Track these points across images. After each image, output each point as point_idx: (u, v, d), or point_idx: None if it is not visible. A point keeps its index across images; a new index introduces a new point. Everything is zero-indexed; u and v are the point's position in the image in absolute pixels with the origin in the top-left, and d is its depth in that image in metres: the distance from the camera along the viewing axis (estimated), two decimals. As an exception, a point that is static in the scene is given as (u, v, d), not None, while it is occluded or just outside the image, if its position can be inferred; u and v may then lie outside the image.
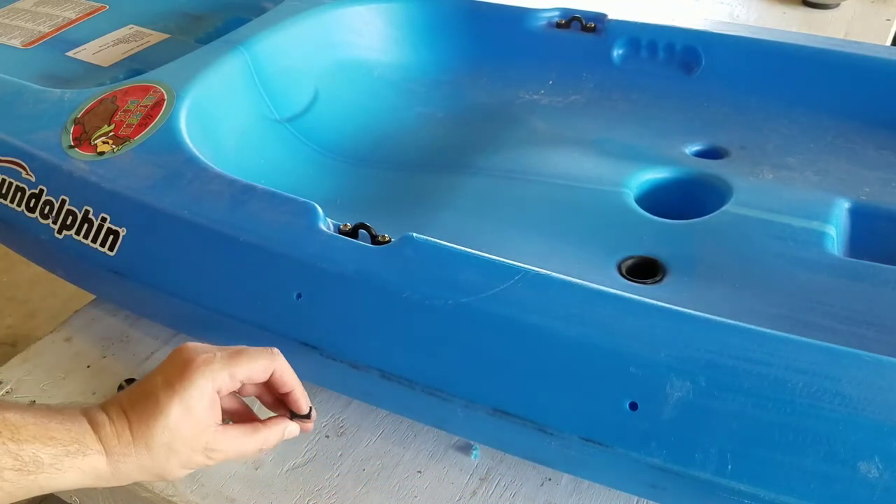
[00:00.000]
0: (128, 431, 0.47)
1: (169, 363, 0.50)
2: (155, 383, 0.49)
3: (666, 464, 0.47)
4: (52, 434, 0.46)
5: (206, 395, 0.48)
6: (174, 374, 0.48)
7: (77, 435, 0.47)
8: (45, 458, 0.45)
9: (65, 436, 0.46)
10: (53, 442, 0.45)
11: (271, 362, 0.51)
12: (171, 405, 0.47)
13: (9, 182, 0.72)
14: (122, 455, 0.47)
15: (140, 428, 0.47)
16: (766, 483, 0.45)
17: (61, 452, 0.45)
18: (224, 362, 0.49)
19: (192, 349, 0.50)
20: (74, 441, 0.46)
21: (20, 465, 0.44)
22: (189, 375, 0.48)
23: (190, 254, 0.63)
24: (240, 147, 0.79)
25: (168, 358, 0.51)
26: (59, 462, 0.45)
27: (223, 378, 0.49)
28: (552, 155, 0.80)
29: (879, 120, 0.79)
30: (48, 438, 0.45)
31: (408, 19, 0.96)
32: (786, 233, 0.66)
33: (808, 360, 0.46)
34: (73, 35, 1.01)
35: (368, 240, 0.59)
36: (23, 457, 0.44)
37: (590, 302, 0.52)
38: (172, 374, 0.48)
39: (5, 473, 0.43)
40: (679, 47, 0.88)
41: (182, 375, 0.48)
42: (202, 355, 0.49)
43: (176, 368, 0.49)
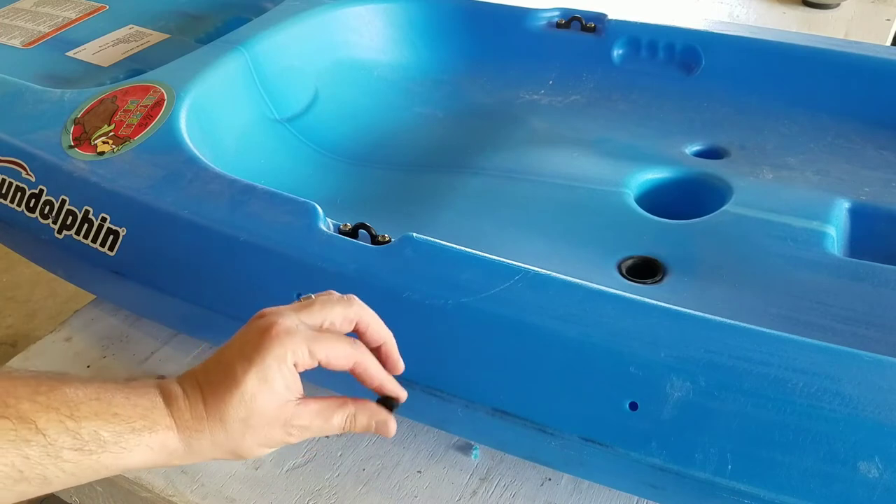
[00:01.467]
0: (201, 405, 0.44)
1: (247, 331, 0.45)
2: (231, 354, 0.45)
3: (666, 464, 0.47)
4: (115, 410, 0.42)
5: (284, 367, 0.44)
6: (251, 343, 0.44)
7: (144, 410, 0.43)
8: (107, 437, 0.41)
9: (130, 412, 0.42)
10: (117, 419, 0.42)
11: (353, 352, 0.46)
12: (247, 377, 0.43)
13: (9, 182, 0.72)
14: (195, 431, 0.44)
15: (214, 401, 0.43)
16: (766, 483, 0.45)
17: (125, 429, 0.42)
18: (307, 338, 0.44)
19: (272, 315, 0.45)
20: (141, 417, 0.42)
21: (80, 444, 0.40)
22: (267, 346, 0.43)
23: (190, 254, 0.63)
24: (240, 147, 0.79)
25: (246, 325, 0.46)
26: (123, 440, 0.42)
27: (302, 353, 0.44)
28: (552, 155, 0.80)
29: (879, 120, 0.79)
30: (111, 415, 0.42)
31: (408, 19, 0.96)
32: (786, 233, 0.66)
33: (808, 360, 0.46)
34: (73, 35, 1.01)
35: (368, 240, 0.59)
36: (82, 435, 0.40)
37: (590, 302, 0.52)
38: (249, 344, 0.44)
39: (64, 454, 0.40)
40: (679, 47, 0.88)
41: (259, 345, 0.43)
42: (283, 323, 0.44)
43: (253, 337, 0.44)
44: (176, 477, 0.61)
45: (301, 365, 0.44)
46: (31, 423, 0.39)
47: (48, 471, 0.39)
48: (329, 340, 0.45)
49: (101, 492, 0.65)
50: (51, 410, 0.40)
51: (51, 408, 0.40)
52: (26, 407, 0.39)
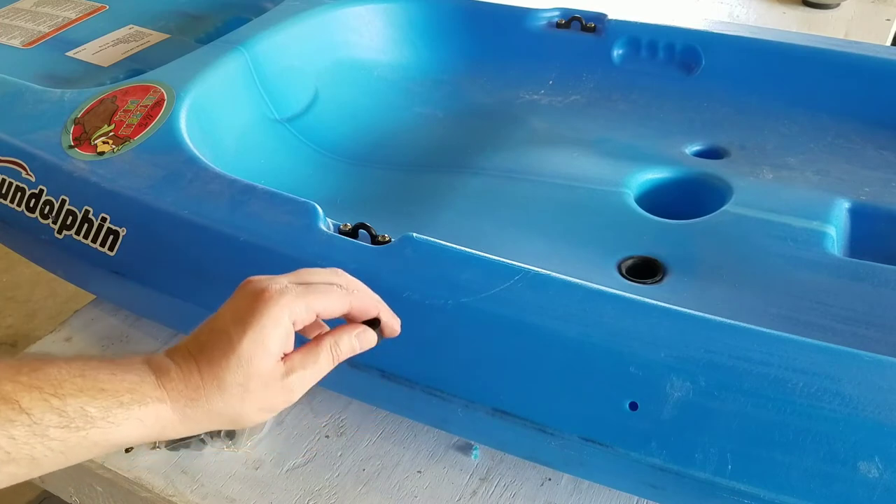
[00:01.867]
0: (196, 374, 0.43)
1: (238, 297, 0.45)
2: (224, 320, 0.44)
3: (666, 464, 0.47)
4: (101, 386, 0.41)
5: (281, 327, 0.43)
6: (244, 307, 0.44)
7: (132, 384, 0.42)
8: (94, 412, 0.40)
9: (117, 386, 0.42)
10: (103, 394, 0.41)
11: (347, 296, 0.46)
12: (243, 340, 0.43)
13: (9, 182, 0.72)
14: (190, 400, 0.43)
15: (210, 368, 0.43)
16: (766, 483, 0.45)
17: (113, 404, 0.41)
18: (300, 293, 0.44)
19: (260, 280, 0.45)
20: (128, 391, 0.42)
21: (66, 421, 0.40)
22: (262, 308, 0.43)
23: (190, 254, 0.63)
24: (240, 147, 0.79)
25: (235, 292, 0.46)
26: (111, 415, 0.41)
27: (300, 309, 0.44)
28: (552, 155, 0.80)
29: (879, 120, 0.79)
30: (97, 391, 0.41)
31: (408, 19, 0.96)
32: (786, 233, 0.66)
33: (808, 360, 0.46)
34: (73, 35, 1.01)
35: (368, 240, 0.59)
36: (68, 412, 0.40)
37: (590, 302, 0.52)
38: (243, 308, 0.44)
39: (51, 432, 0.39)
40: (679, 47, 0.88)
41: (254, 308, 0.43)
42: (273, 285, 0.44)
43: (246, 301, 0.44)
44: (176, 477, 0.61)
45: (300, 321, 0.44)
46: (14, 402, 0.39)
47: (35, 450, 0.39)
48: (321, 290, 0.45)
49: (101, 492, 0.65)
50: (34, 389, 0.40)
51: (34, 387, 0.40)
52: (8, 388, 0.39)
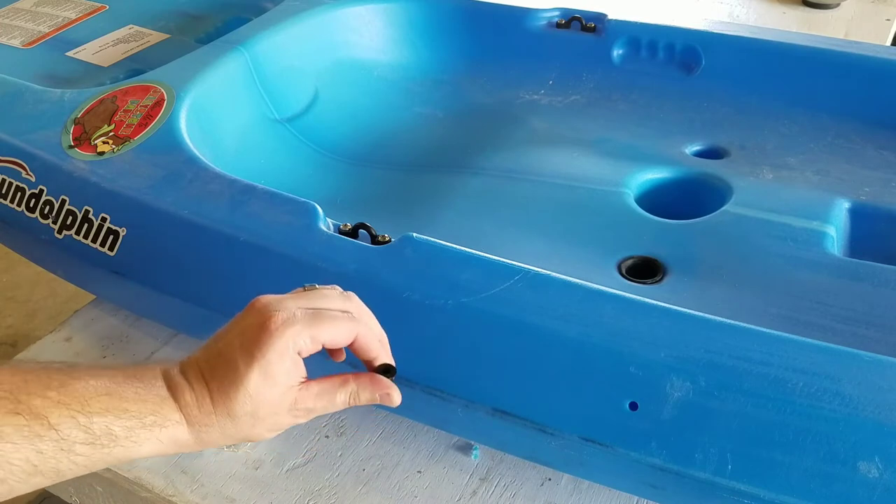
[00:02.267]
0: (208, 401, 0.44)
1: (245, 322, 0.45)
2: (232, 346, 0.45)
3: (666, 464, 0.47)
4: (125, 406, 0.42)
5: (286, 359, 0.44)
6: (251, 336, 0.44)
7: (154, 406, 0.43)
8: (118, 431, 0.42)
9: (140, 407, 0.43)
10: (127, 414, 0.42)
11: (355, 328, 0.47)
12: (250, 374, 0.44)
13: (9, 182, 0.72)
14: (205, 425, 0.44)
15: (220, 398, 0.44)
16: (766, 483, 0.45)
17: (136, 425, 0.42)
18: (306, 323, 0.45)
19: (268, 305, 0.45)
20: (151, 413, 0.43)
21: (92, 438, 0.41)
22: (267, 340, 0.44)
23: (190, 254, 0.63)
24: (240, 147, 0.79)
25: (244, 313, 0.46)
26: (134, 435, 0.42)
27: (304, 341, 0.45)
28: (552, 155, 0.80)
29: (879, 120, 0.79)
30: (121, 411, 0.42)
31: (408, 19, 0.96)
32: (786, 233, 0.66)
33: (808, 360, 0.46)
34: (73, 35, 1.01)
35: (368, 240, 0.59)
36: (94, 430, 0.41)
37: (590, 302, 0.52)
38: (250, 337, 0.44)
39: (77, 448, 0.40)
40: (679, 47, 0.88)
41: (259, 340, 0.44)
42: (280, 314, 0.45)
43: (253, 329, 0.45)
44: (176, 477, 0.61)
45: (305, 352, 0.45)
46: (43, 418, 0.40)
47: (61, 464, 0.40)
48: (328, 320, 0.46)
49: (101, 492, 0.65)
50: (62, 406, 0.40)
51: (62, 403, 0.41)
52: (38, 403, 0.40)
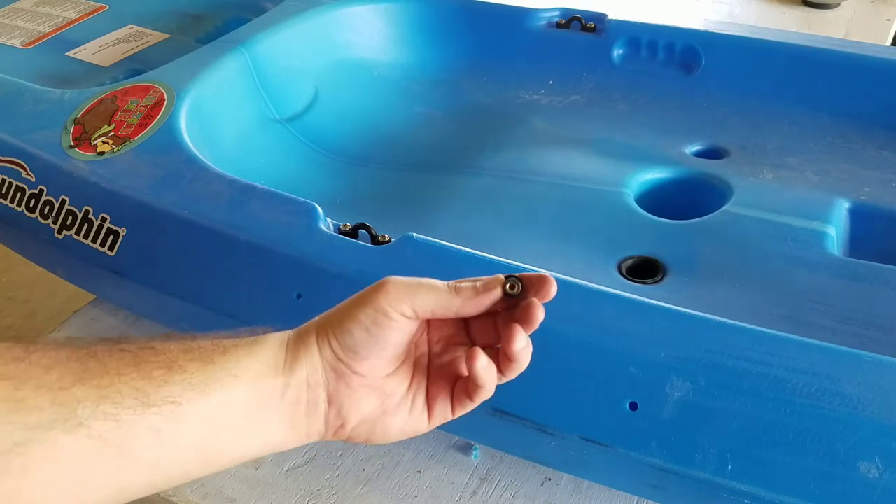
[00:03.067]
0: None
1: (363, 291, 0.43)
2: (348, 304, 0.43)
3: (666, 464, 0.47)
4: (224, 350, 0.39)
5: (396, 310, 0.42)
6: (367, 292, 0.42)
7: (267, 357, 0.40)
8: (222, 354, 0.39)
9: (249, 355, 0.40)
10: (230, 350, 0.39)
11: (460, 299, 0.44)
12: (361, 314, 0.41)
13: (9, 182, 0.72)
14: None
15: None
16: (766, 483, 0.45)
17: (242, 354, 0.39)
18: (418, 286, 0.43)
19: (393, 292, 0.42)
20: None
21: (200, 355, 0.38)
22: (381, 291, 0.42)
23: (190, 254, 0.63)
24: (240, 147, 0.79)
25: (369, 291, 0.42)
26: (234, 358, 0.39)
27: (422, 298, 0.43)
28: (552, 155, 0.80)
29: (879, 120, 0.79)
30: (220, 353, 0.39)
31: (408, 19, 0.96)
32: (786, 233, 0.66)
33: (808, 360, 0.46)
34: (73, 35, 1.01)
35: (368, 240, 0.59)
36: (202, 352, 0.38)
37: (590, 302, 0.52)
38: (365, 293, 0.42)
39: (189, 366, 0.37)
40: (679, 47, 0.88)
41: (375, 291, 0.42)
42: (397, 277, 0.43)
43: (369, 289, 0.43)
44: (176, 477, 0.61)
45: (420, 311, 0.43)
46: (150, 345, 0.38)
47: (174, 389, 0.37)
48: (438, 285, 0.44)
49: (101, 492, 0.65)
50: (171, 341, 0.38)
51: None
52: (149, 342, 0.38)
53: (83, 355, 0.36)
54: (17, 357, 0.36)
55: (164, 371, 0.37)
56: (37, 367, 0.35)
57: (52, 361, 0.36)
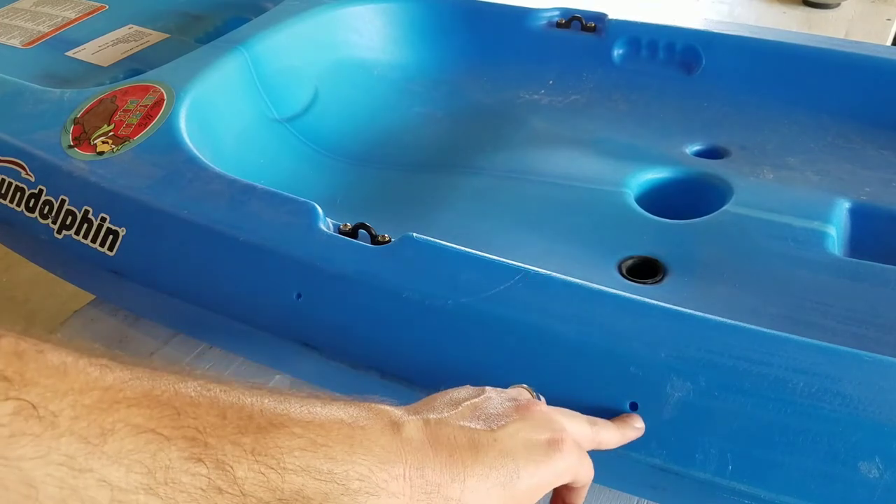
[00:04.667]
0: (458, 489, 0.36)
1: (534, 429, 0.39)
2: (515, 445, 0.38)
3: (666, 464, 0.47)
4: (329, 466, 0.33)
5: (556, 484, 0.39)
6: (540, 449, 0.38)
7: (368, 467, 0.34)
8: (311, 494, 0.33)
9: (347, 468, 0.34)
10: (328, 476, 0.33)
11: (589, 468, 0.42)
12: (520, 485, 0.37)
13: (8, 182, 0.72)
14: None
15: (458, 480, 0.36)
16: (766, 483, 0.45)
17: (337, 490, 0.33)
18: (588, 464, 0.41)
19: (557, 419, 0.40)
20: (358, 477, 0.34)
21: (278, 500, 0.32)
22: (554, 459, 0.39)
23: (190, 254, 0.63)
24: (239, 147, 0.79)
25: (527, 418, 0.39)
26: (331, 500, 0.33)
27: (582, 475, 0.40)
28: (552, 155, 0.80)
29: (879, 120, 0.79)
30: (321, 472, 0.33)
31: (408, 19, 0.96)
32: (786, 233, 0.66)
33: (808, 360, 0.46)
34: (72, 35, 1.01)
35: (368, 240, 0.59)
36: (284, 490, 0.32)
37: (590, 302, 0.52)
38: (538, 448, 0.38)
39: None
40: (679, 47, 0.88)
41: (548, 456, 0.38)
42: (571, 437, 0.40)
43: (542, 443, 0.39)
44: (176, 477, 0.61)
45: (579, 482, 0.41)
46: (228, 470, 0.31)
47: None
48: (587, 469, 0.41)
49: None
50: (254, 459, 0.31)
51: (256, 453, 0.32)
52: (229, 450, 0.31)
53: None
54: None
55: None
56: None
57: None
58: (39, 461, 0.27)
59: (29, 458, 0.27)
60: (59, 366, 0.29)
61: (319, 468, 0.33)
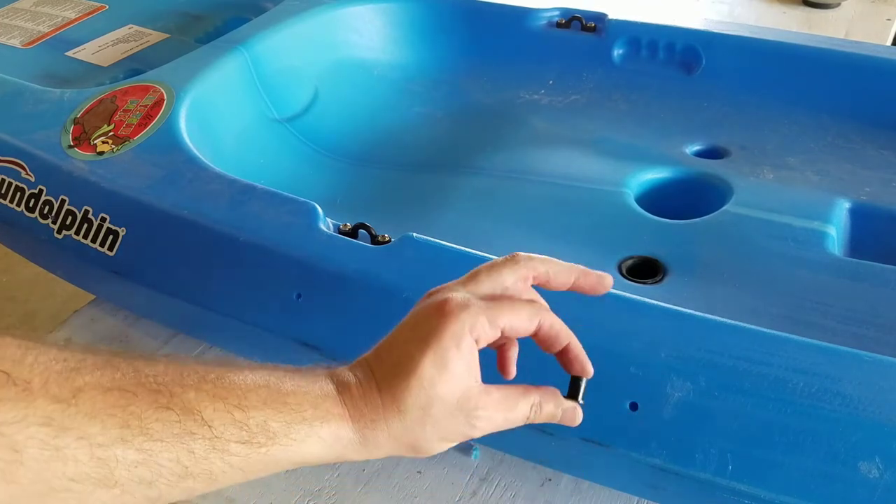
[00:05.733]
0: (376, 393, 0.40)
1: (418, 311, 0.42)
2: (404, 336, 0.41)
3: (666, 464, 0.47)
4: (284, 399, 0.38)
5: (463, 344, 0.40)
6: (424, 324, 0.41)
7: (315, 398, 0.39)
8: (276, 427, 0.37)
9: (301, 399, 0.38)
10: (286, 408, 0.38)
11: (537, 311, 0.43)
12: (423, 360, 0.39)
13: (8, 182, 0.72)
14: (370, 420, 0.40)
15: (390, 389, 0.40)
16: (766, 483, 0.45)
17: (295, 419, 0.38)
18: (483, 308, 0.41)
19: (441, 291, 0.42)
20: (312, 405, 0.39)
21: (248, 436, 0.37)
22: (442, 324, 0.40)
23: (190, 254, 0.63)
24: (239, 147, 0.79)
25: (416, 306, 0.43)
26: (293, 431, 0.38)
27: (482, 325, 0.40)
28: (552, 155, 0.80)
29: (879, 120, 0.79)
30: (280, 404, 0.38)
31: (408, 19, 0.96)
32: (786, 233, 0.66)
33: (808, 360, 0.46)
34: (72, 35, 1.01)
35: (368, 240, 0.59)
36: (250, 426, 0.37)
37: (590, 302, 0.52)
38: (422, 325, 0.41)
39: (231, 447, 0.36)
40: (679, 47, 0.88)
41: (434, 325, 0.40)
42: (455, 297, 0.41)
43: (425, 317, 0.41)
44: (176, 477, 0.61)
45: (483, 339, 0.41)
46: (196, 413, 0.35)
47: (214, 465, 0.36)
48: (507, 304, 0.42)
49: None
50: (218, 400, 0.36)
51: (218, 397, 0.36)
52: (192, 396, 0.36)
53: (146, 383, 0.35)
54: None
55: (242, 414, 0.37)
56: None
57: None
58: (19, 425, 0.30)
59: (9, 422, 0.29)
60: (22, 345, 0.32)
61: (276, 401, 0.38)
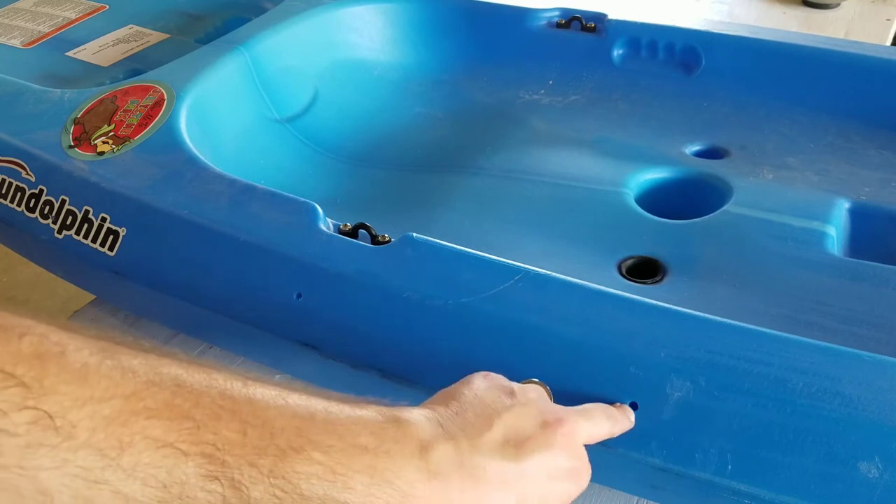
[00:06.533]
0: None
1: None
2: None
3: (666, 464, 0.47)
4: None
5: None
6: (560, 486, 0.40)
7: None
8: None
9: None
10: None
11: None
12: None
13: (9, 182, 0.72)
14: None
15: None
16: (766, 483, 0.45)
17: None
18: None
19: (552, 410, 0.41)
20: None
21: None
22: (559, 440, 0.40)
23: (190, 254, 0.63)
24: (240, 147, 0.79)
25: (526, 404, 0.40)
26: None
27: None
28: (552, 155, 0.80)
29: (879, 120, 0.79)
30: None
31: (408, 19, 0.96)
32: (786, 233, 0.66)
33: (808, 360, 0.46)
34: (73, 35, 1.01)
35: (368, 240, 0.59)
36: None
37: (590, 302, 0.52)
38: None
39: None
40: (679, 47, 0.88)
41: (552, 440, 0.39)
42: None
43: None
44: (176, 477, 0.61)
45: None
46: (244, 491, 0.31)
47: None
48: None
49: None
50: (270, 482, 0.32)
51: (273, 476, 0.32)
52: (246, 472, 0.31)
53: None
54: None
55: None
56: None
57: None
58: (55, 472, 0.27)
59: (45, 468, 0.27)
60: (80, 369, 0.28)
61: (336, 498, 0.33)
